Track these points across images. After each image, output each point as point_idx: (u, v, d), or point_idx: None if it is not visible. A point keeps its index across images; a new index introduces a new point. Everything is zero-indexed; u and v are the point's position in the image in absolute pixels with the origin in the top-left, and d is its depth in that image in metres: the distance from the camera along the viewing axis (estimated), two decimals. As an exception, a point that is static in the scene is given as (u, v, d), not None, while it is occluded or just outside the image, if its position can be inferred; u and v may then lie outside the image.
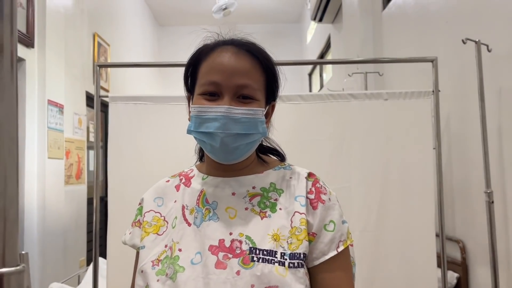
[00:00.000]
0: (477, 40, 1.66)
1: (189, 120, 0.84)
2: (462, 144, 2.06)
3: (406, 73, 2.69)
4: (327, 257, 0.76)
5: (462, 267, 2.12)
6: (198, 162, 0.96)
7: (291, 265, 0.73)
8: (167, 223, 0.85)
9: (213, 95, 0.78)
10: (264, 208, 0.80)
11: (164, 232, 0.84)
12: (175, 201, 0.87)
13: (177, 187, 0.90)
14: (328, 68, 5.50)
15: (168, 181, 0.93)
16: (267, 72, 0.83)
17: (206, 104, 0.78)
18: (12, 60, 0.30)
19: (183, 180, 0.90)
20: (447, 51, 2.15)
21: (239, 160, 0.82)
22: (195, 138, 0.83)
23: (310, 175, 0.85)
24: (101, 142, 4.11)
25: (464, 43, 1.67)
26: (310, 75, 6.83)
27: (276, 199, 0.81)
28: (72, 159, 3.57)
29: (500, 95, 1.73)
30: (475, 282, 2.04)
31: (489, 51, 1.68)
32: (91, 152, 4.06)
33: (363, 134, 1.98)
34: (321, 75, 5.98)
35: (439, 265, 1.88)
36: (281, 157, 0.93)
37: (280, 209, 0.80)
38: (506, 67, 1.71)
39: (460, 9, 2.11)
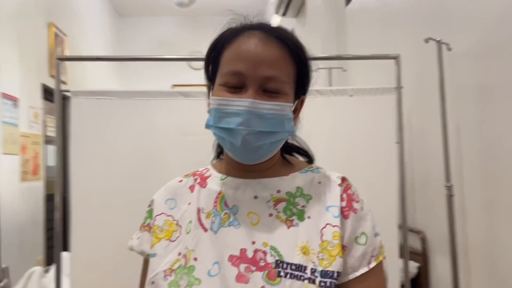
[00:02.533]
0: (438, 39, 1.72)
1: (208, 113, 0.75)
2: (422, 138, 2.14)
3: (369, 68, 2.75)
4: (357, 273, 0.70)
5: (423, 257, 2.21)
6: (215, 161, 0.87)
7: (322, 283, 0.65)
8: (180, 227, 0.76)
9: (236, 87, 0.70)
10: (290, 216, 0.72)
11: (177, 238, 0.75)
12: (189, 204, 0.79)
13: (192, 188, 0.81)
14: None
15: (181, 181, 0.84)
16: (299, 63, 0.73)
17: (227, 96, 0.69)
18: None
19: (198, 180, 0.82)
20: (408, 48, 2.21)
21: (261, 160, 0.73)
22: (214, 134, 0.74)
23: (342, 180, 0.77)
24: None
25: (426, 42, 1.73)
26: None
27: (303, 206, 0.73)
28: (28, 154, 3.42)
29: (458, 92, 1.80)
30: (435, 270, 2.13)
31: (449, 50, 1.75)
32: (49, 147, 3.91)
33: (329, 130, 2.01)
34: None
35: (400, 256, 1.95)
36: (309, 158, 0.84)
37: (308, 217, 0.72)
38: (465, 65, 1.78)
39: (422, 8, 2.18)
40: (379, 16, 2.69)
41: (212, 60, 0.76)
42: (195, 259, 0.70)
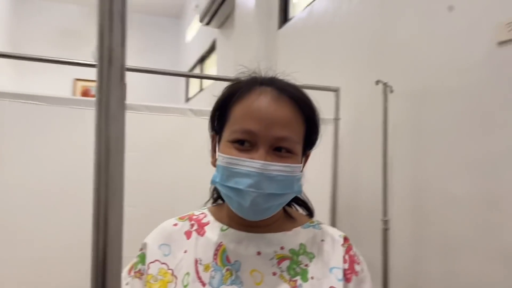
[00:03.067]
0: (385, 81, 1.84)
1: (212, 165, 0.75)
2: (354, 169, 2.26)
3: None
4: None
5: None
6: (210, 204, 0.84)
7: None
8: (176, 278, 0.72)
9: (245, 143, 0.68)
10: (294, 276, 0.71)
11: None
12: (185, 252, 0.74)
13: (188, 234, 0.77)
14: (212, 70, 5.46)
15: (175, 224, 0.79)
16: (309, 122, 0.73)
17: (237, 154, 0.67)
18: (121, 72, 0.30)
19: (195, 227, 0.78)
20: (343, 80, 2.32)
21: (267, 217, 0.72)
22: (219, 191, 0.73)
23: (345, 239, 0.78)
24: None
25: (376, 84, 1.84)
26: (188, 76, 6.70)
27: (307, 265, 0.73)
28: None
29: (393, 130, 1.94)
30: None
31: (391, 91, 1.88)
32: None
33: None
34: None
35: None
36: (309, 212, 0.84)
37: (312, 278, 0.71)
38: (401, 105, 1.93)
39: (358, 43, 2.32)
40: (313, 45, 2.79)
41: (220, 113, 0.75)
42: None
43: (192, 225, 0.78)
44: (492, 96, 1.53)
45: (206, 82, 5.58)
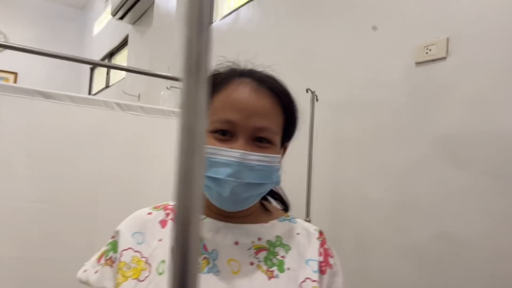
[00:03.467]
0: (313, 90, 1.95)
1: None
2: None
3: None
4: None
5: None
6: None
7: None
8: (150, 266, 0.70)
9: (225, 133, 0.69)
10: (271, 266, 0.72)
11: (146, 277, 0.69)
12: (160, 240, 0.73)
13: (163, 223, 0.76)
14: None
15: (150, 213, 0.78)
16: (287, 113, 0.75)
17: (217, 144, 0.68)
18: (205, 78, 0.30)
19: (171, 216, 0.75)
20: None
21: (245, 208, 0.73)
22: None
23: (320, 233, 0.80)
24: None
25: (307, 92, 1.94)
26: (92, 69, 6.29)
27: (283, 256, 0.74)
28: None
29: (318, 134, 2.06)
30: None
31: (317, 100, 2.00)
32: None
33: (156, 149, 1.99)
34: (108, 73, 5.60)
35: None
36: (285, 206, 0.86)
37: (288, 269, 0.72)
38: (324, 111, 2.06)
39: (285, 52, 2.42)
40: (238, 49, 2.83)
41: None
42: None
43: (168, 214, 0.77)
44: (408, 110, 1.72)
45: (114, 79, 5.31)
